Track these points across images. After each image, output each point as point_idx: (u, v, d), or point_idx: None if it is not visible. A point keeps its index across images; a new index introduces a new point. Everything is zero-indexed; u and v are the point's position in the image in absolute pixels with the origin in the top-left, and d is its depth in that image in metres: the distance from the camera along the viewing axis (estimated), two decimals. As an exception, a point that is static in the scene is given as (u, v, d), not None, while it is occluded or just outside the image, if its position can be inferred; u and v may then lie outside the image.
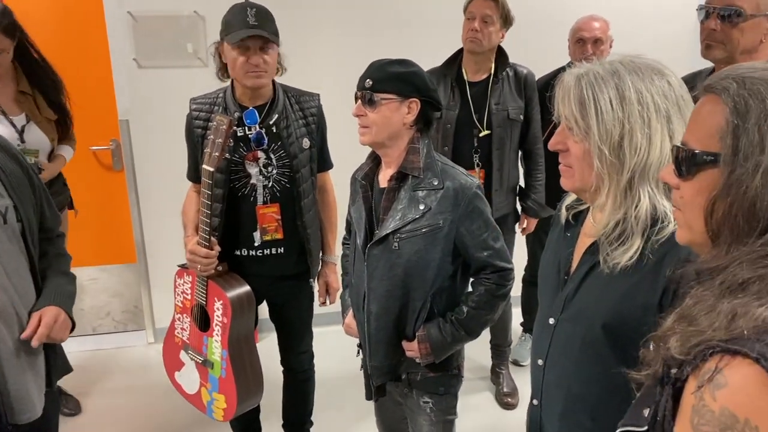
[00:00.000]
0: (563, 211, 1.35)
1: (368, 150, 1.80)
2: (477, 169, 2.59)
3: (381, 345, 1.79)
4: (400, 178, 1.70)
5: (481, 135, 2.59)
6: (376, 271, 1.73)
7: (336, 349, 2.64)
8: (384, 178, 1.75)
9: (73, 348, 3.43)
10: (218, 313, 2.07)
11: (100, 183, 3.45)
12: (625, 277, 1.13)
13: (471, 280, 1.81)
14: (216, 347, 2.10)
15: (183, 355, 2.23)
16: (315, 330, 2.43)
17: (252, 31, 1.91)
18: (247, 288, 2.08)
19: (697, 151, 0.80)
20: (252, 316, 2.12)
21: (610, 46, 2.82)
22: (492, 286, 1.75)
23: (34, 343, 1.51)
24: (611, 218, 1.15)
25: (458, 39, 2.62)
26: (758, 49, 1.81)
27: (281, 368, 2.44)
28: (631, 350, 1.13)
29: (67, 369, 1.70)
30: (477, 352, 3.24)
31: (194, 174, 2.14)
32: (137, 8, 3.08)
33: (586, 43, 2.76)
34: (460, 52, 2.68)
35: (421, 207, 1.67)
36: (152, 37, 3.13)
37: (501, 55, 2.65)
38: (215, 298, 2.07)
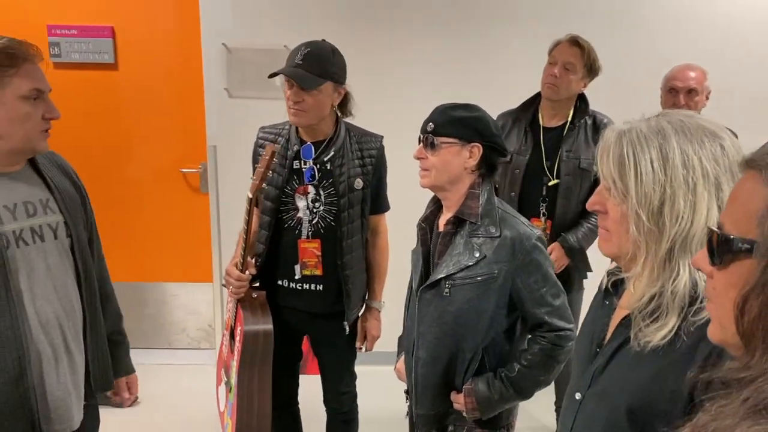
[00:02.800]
0: (604, 277, 1.25)
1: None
2: (543, 219, 2.48)
3: (428, 393, 1.74)
4: (456, 222, 1.68)
5: (550, 184, 2.48)
6: (427, 316, 1.70)
7: (387, 389, 2.57)
8: (443, 222, 1.73)
9: (147, 360, 3.58)
10: (238, 338, 2.09)
11: (187, 203, 3.62)
12: (656, 358, 1.01)
13: (528, 336, 1.72)
14: (234, 371, 2.11)
15: (222, 372, 2.27)
16: (368, 368, 2.39)
17: (284, 70, 1.96)
18: (268, 326, 2.06)
19: (732, 237, 0.69)
20: (268, 357, 2.07)
21: (707, 98, 2.63)
22: (547, 345, 1.67)
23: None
24: (646, 291, 1.04)
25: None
26: None
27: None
28: (655, 442, 1.01)
29: (108, 385, 1.75)
30: (541, 411, 3.06)
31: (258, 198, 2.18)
32: (232, 40, 3.24)
33: (678, 93, 2.59)
34: (538, 95, 2.59)
35: (477, 254, 1.63)
36: (244, 68, 3.28)
37: (582, 101, 2.54)
38: (239, 324, 2.09)
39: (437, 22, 3.28)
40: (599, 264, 1.29)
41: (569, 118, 2.52)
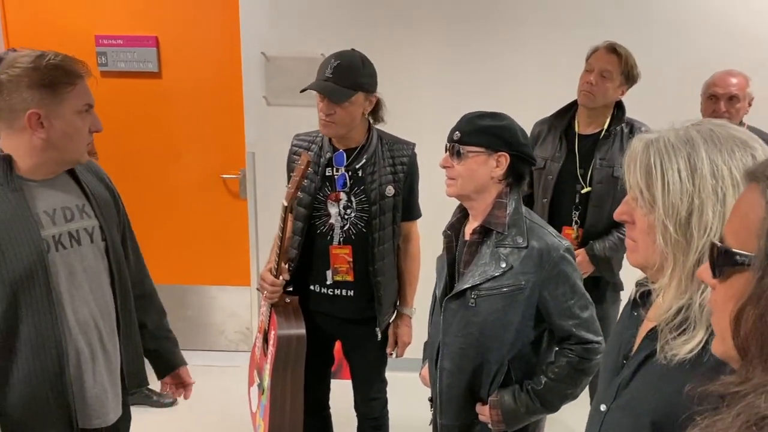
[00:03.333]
0: (633, 287, 1.23)
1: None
2: (575, 227, 2.45)
3: (452, 404, 1.74)
4: (483, 232, 1.66)
5: (583, 191, 2.45)
6: (451, 326, 1.69)
7: (418, 396, 2.58)
8: (469, 230, 1.72)
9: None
10: (271, 342, 2.13)
11: (227, 209, 3.69)
12: (682, 372, 0.99)
13: (555, 349, 1.71)
14: (267, 374, 2.15)
15: (254, 373, 2.31)
16: (399, 374, 2.40)
17: (314, 85, 2.00)
18: (301, 331, 2.10)
19: (730, 250, 0.69)
20: (301, 361, 2.11)
21: (749, 105, 2.56)
22: (575, 358, 1.64)
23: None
24: (674, 303, 1.02)
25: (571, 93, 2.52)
26: None
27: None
28: (680, 458, 0.99)
29: (142, 382, 1.81)
30: (573, 421, 3.01)
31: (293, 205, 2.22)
32: (270, 49, 3.30)
33: (719, 100, 2.53)
34: (575, 102, 2.56)
35: (503, 265, 1.61)
36: (282, 76, 3.33)
37: (619, 109, 2.50)
38: (273, 328, 2.13)
39: (476, 28, 3.28)
40: (634, 276, 1.27)
41: (605, 126, 2.49)
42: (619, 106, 2.51)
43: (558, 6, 3.22)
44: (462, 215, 1.77)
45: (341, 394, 2.55)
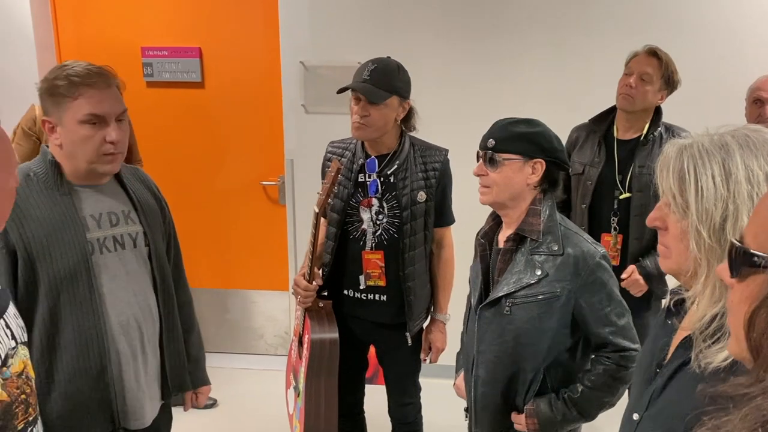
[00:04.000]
0: (667, 295, 1.22)
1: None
2: (614, 234, 2.41)
3: (487, 413, 1.73)
4: (517, 239, 1.65)
5: (621, 197, 2.41)
6: (486, 334, 1.68)
7: (452, 402, 2.58)
8: (502, 238, 1.71)
9: (227, 364, 3.74)
10: (305, 346, 2.16)
11: (267, 215, 3.76)
12: (717, 381, 0.97)
13: (591, 357, 1.69)
14: (302, 377, 2.18)
15: (291, 376, 2.35)
16: (434, 380, 2.40)
17: (353, 84, 2.03)
18: (333, 335, 2.12)
19: (748, 250, 0.68)
20: (334, 364, 2.13)
21: (796, 109, 2.48)
22: (612, 366, 1.62)
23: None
24: (708, 311, 1.01)
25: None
26: None
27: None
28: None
29: (184, 386, 1.85)
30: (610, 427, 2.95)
31: (324, 211, 2.25)
32: (309, 58, 3.36)
33: (764, 104, 2.46)
34: (613, 108, 2.53)
35: (538, 272, 1.60)
36: (320, 85, 3.38)
37: (657, 114, 2.46)
38: (306, 332, 2.16)
39: (510, 38, 3.26)
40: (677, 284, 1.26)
41: (644, 131, 2.45)
42: (657, 112, 2.46)
43: (593, 13, 3.18)
44: (495, 223, 1.76)
45: (376, 398, 2.56)
